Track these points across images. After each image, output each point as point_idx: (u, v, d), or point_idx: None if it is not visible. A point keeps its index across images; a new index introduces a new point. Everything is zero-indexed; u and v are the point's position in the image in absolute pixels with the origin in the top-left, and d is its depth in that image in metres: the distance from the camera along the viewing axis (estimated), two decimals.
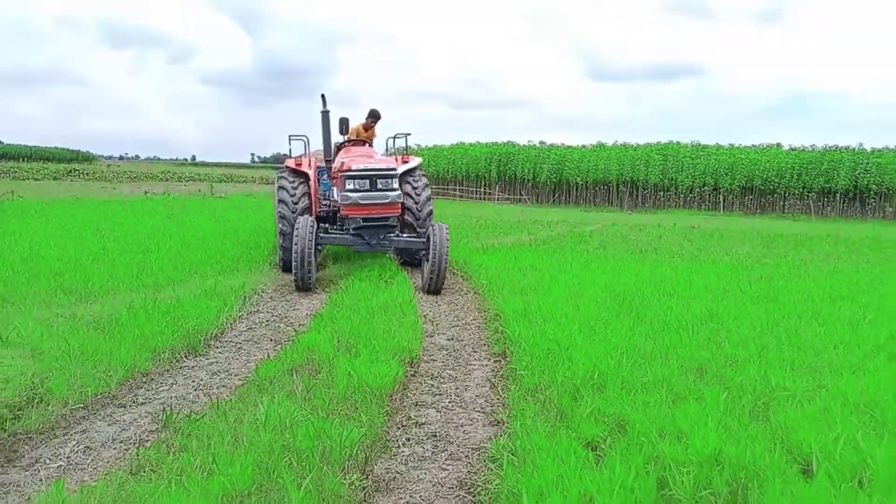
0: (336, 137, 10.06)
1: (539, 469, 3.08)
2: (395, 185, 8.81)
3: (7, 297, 6.59)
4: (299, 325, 6.65)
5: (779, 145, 39.16)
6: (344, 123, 9.78)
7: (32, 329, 5.33)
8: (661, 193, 40.44)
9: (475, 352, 6.04)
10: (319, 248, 8.96)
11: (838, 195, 35.74)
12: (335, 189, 9.36)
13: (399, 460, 3.68)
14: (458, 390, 4.92)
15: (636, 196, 41.32)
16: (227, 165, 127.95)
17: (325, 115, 9.51)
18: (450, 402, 4.67)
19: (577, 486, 2.91)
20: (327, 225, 9.82)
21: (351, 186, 8.48)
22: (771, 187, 37.07)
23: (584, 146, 45.25)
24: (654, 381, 4.46)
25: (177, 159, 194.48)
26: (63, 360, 4.59)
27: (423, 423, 4.22)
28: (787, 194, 36.89)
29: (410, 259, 10.61)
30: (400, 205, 9.04)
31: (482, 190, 46.69)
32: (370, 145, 10.61)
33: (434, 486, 3.40)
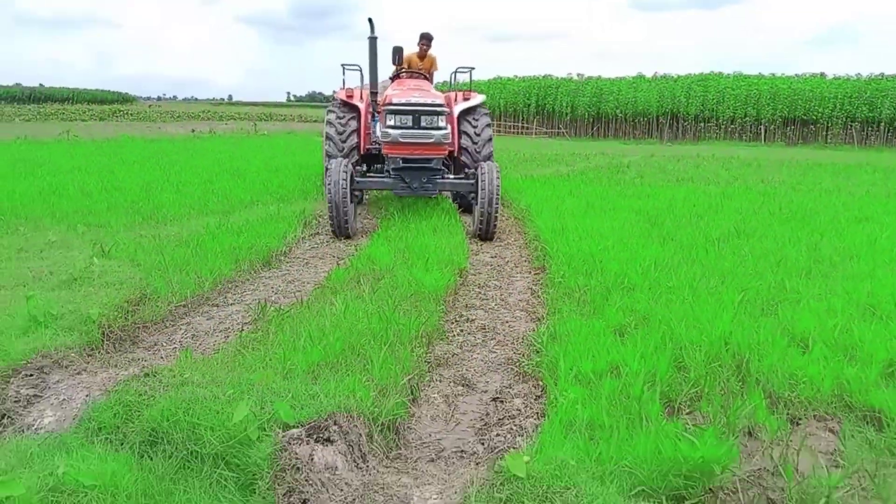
0: (389, 69, 9.49)
1: (574, 344, 3.71)
2: (443, 124, 7.72)
3: (94, 223, 7.36)
4: (356, 246, 7.31)
5: (822, 74, 38.30)
6: (397, 53, 8.88)
7: (127, 245, 6.09)
8: (702, 125, 39.95)
9: (517, 266, 6.65)
10: (357, 192, 8.22)
11: (882, 124, 35.02)
12: (378, 125, 8.35)
13: (455, 345, 4.34)
14: (503, 296, 5.56)
15: (676, 128, 40.90)
16: (265, 104, 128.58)
17: (373, 41, 8.46)
18: (496, 304, 5.31)
19: (605, 356, 3.54)
20: (365, 167, 9.26)
21: (392, 122, 7.57)
22: (814, 117, 36.42)
23: (622, 78, 44.69)
24: (678, 285, 5.02)
25: (213, 99, 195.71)
26: (160, 269, 5.32)
27: (472, 320, 4.87)
28: (829, 124, 36.21)
29: (468, 207, 9.34)
30: (447, 146, 8.02)
31: (520, 124, 46.59)
32: (429, 78, 9.65)
33: (484, 363, 4.06)
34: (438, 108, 7.70)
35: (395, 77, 9.31)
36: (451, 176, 8.63)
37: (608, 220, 7.86)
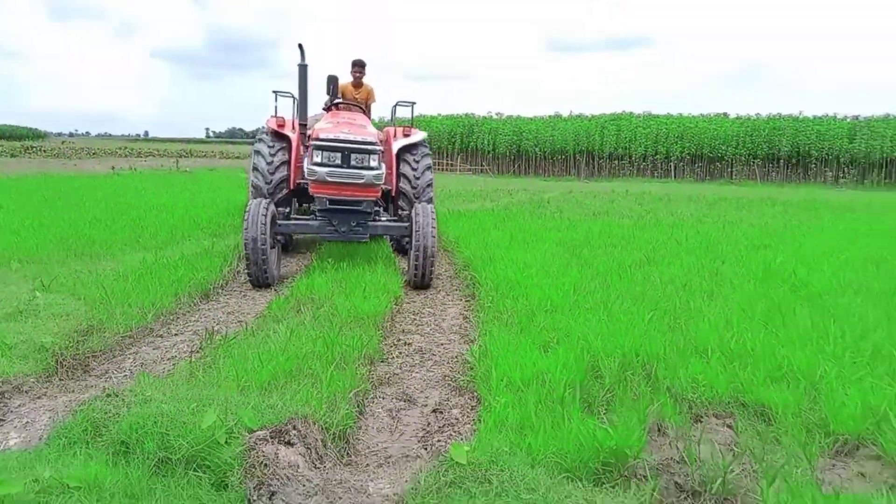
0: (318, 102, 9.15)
1: (504, 358, 4.10)
2: (375, 163, 7.08)
3: (26, 259, 7.34)
4: (292, 278, 7.55)
5: (725, 114, 40.95)
6: (332, 82, 8.12)
7: (66, 279, 6.16)
8: (616, 162, 41.91)
9: (448, 294, 7.05)
10: (280, 237, 7.46)
11: (782, 161, 37.67)
12: (306, 161, 7.40)
13: (395, 366, 4.67)
14: (437, 321, 5.93)
15: (592, 165, 42.72)
16: (183, 140, 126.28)
17: (303, 69, 7.64)
18: (430, 329, 5.67)
19: (531, 368, 3.94)
20: (296, 203, 8.75)
21: (318, 159, 6.96)
22: (719, 154, 38.84)
23: (540, 117, 46.45)
24: (595, 306, 5.51)
25: (129, 135, 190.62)
26: (103, 302, 5.44)
27: (410, 343, 5.22)
28: (734, 161, 38.68)
29: (404, 249, 8.87)
30: (379, 187, 7.34)
31: (445, 161, 47.54)
32: (366, 111, 8.87)
33: (423, 380, 4.41)
34: (370, 147, 7.04)
35: (329, 108, 8.45)
36: (385, 218, 7.95)
37: (531, 251, 8.37)
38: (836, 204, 19.63)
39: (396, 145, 8.80)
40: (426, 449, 3.38)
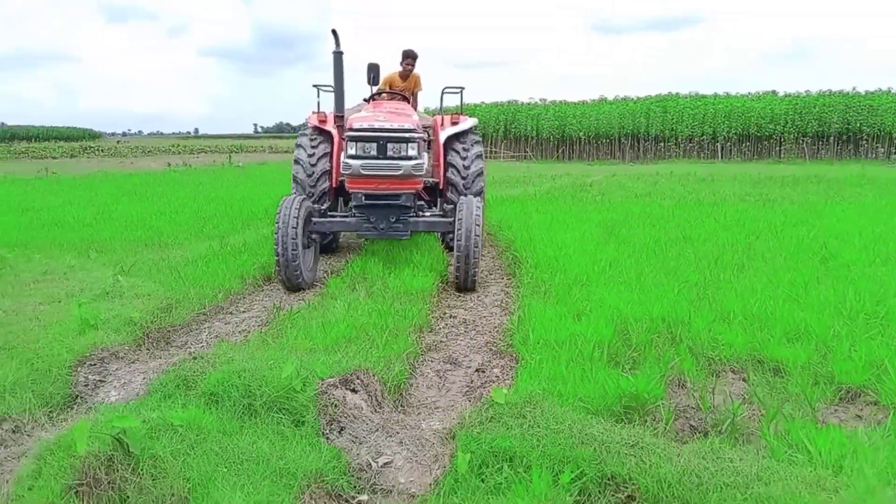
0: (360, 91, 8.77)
1: (540, 324, 4.53)
2: (414, 152, 6.54)
3: (102, 249, 8.04)
4: (346, 260, 8.08)
5: (774, 92, 40.28)
6: (373, 70, 7.68)
7: (143, 266, 6.80)
8: (662, 144, 41.59)
9: (491, 273, 7.48)
10: (314, 235, 6.90)
11: (832, 139, 36.95)
12: (343, 155, 6.90)
13: (441, 335, 5.14)
14: (480, 297, 6.38)
15: (638, 148, 42.48)
16: (231, 137, 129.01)
17: (338, 57, 7.19)
18: (473, 304, 6.12)
19: (565, 331, 4.36)
20: (341, 200, 8.27)
21: (352, 151, 6.51)
22: (767, 133, 38.27)
23: (584, 101, 46.32)
24: (628, 279, 5.88)
25: (179, 133, 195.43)
26: (178, 284, 6.05)
27: (455, 316, 5.69)
28: (782, 140, 38.08)
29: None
30: (419, 179, 6.84)
31: (488, 149, 47.81)
32: (410, 99, 8.46)
33: (467, 346, 4.87)
34: (408, 134, 6.50)
35: (371, 98, 7.98)
36: (429, 213, 7.49)
37: (571, 232, 8.73)
38: (884, 180, 19.35)
39: (444, 134, 8.28)
40: (470, 401, 3.83)
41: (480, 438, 2.80)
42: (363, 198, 6.68)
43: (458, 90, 8.75)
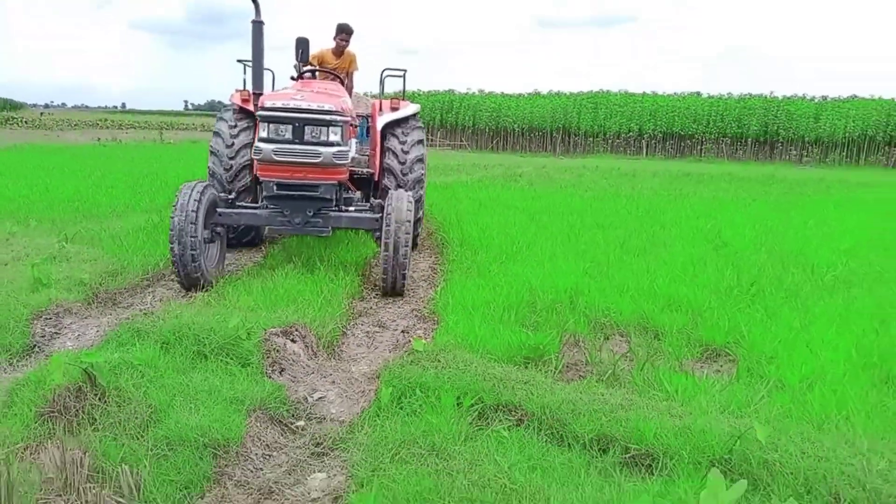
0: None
1: (460, 294, 5.12)
2: (337, 138, 5.67)
3: (42, 218, 8.21)
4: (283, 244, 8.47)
5: (698, 93, 42.26)
6: (301, 46, 6.94)
7: (84, 234, 7.07)
8: (592, 139, 43.05)
9: (421, 253, 8.02)
10: (219, 228, 6.01)
11: (749, 140, 39.11)
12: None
13: (371, 304, 5.66)
14: (411, 272, 6.91)
15: (568, 142, 43.83)
16: (160, 113, 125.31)
17: (257, 27, 6.19)
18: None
19: (481, 298, 4.96)
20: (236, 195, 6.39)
21: (264, 133, 5.66)
22: (689, 132, 40.18)
23: (520, 94, 47.38)
24: (542, 258, 6.53)
25: (106, 107, 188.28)
26: (122, 251, 6.37)
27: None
28: (704, 139, 40.03)
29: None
30: (343, 169, 5.94)
31: (426, 136, 48.37)
32: (344, 80, 7.37)
33: (395, 313, 5.41)
34: (328, 116, 5.59)
35: (298, 77, 7.02)
36: (354, 208, 6.40)
37: (496, 216, 9.36)
38: (791, 180, 20.83)
39: (382, 120, 7.52)
40: (394, 354, 4.38)
41: (401, 376, 3.36)
42: (275, 187, 5.73)
43: (401, 73, 8.13)
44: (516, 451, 2.77)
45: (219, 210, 5.87)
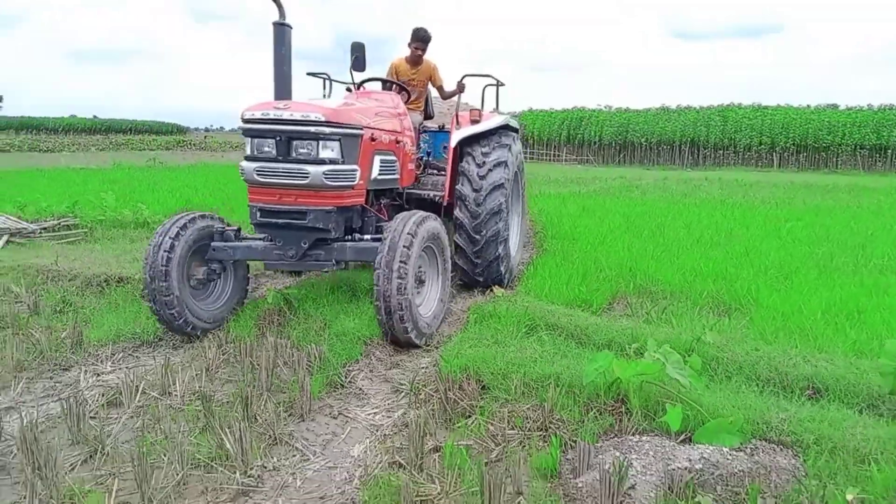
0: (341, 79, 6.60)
1: (543, 267, 6.66)
2: (332, 154, 4.65)
3: None
4: None
5: (835, 105, 41.02)
6: (357, 51, 6.10)
7: None
8: (722, 152, 42.67)
9: (526, 247, 9.57)
10: (214, 265, 5.14)
11: (889, 151, 37.46)
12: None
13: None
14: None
15: (697, 155, 43.65)
16: None
17: (280, 29, 4.85)
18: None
19: (558, 271, 6.46)
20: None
21: (248, 150, 4.77)
22: (824, 144, 39.03)
23: (648, 109, 47.69)
24: (617, 247, 7.91)
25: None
26: None
27: None
28: (839, 151, 38.74)
29: (472, 281, 6.30)
30: (342, 193, 4.81)
31: (552, 152, 49.67)
32: (420, 94, 6.87)
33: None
34: (314, 128, 4.52)
35: (358, 87, 6.47)
36: (369, 237, 5.15)
37: (594, 219, 10.74)
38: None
39: (457, 136, 6.37)
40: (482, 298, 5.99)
41: (482, 309, 5.00)
42: (258, 214, 4.76)
43: (495, 82, 7.04)
44: (550, 345, 4.31)
45: (213, 244, 5.05)
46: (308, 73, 6.71)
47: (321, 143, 4.57)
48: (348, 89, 6.55)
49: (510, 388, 3.66)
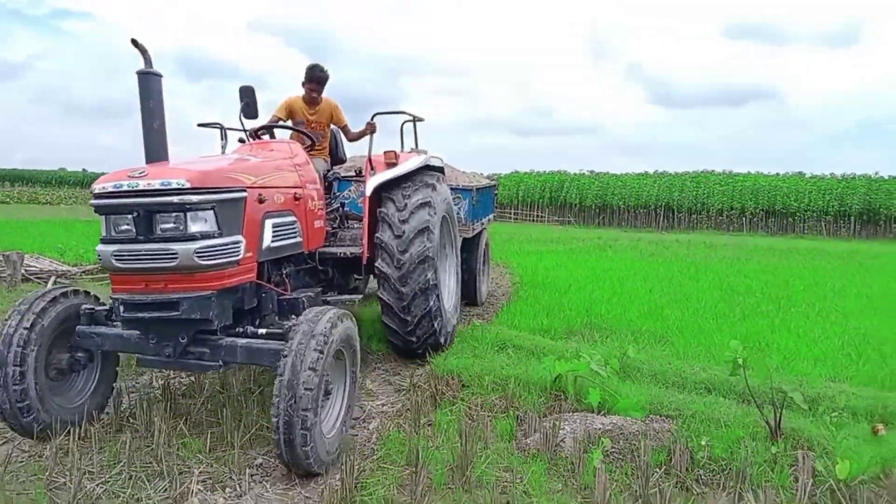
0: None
1: (517, 309, 8.02)
2: (204, 227, 3.73)
3: None
4: None
5: (800, 173, 43.62)
6: (246, 96, 5.31)
7: None
8: (695, 216, 44.74)
9: (504, 294, 10.96)
10: (80, 354, 4.25)
11: (852, 218, 39.67)
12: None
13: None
14: (488, 304, 9.86)
15: (672, 218, 45.68)
16: None
17: (145, 78, 4.08)
18: (481, 309, 9.61)
19: (527, 309, 7.83)
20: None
21: (104, 231, 3.79)
22: (791, 211, 41.27)
23: (627, 174, 50.04)
24: (583, 293, 9.31)
25: None
26: None
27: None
28: (805, 217, 40.93)
29: (404, 351, 5.90)
30: (220, 272, 3.84)
31: (535, 213, 51.57)
32: (323, 140, 6.29)
33: (471, 314, 8.36)
34: (177, 198, 3.61)
35: (254, 135, 5.82)
36: (263, 330, 4.05)
37: (568, 271, 12.18)
38: (865, 254, 22.12)
39: (372, 183, 5.58)
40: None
41: (462, 333, 6.35)
42: (122, 308, 3.78)
43: (411, 118, 6.38)
44: (515, 357, 5.66)
45: (78, 328, 4.20)
46: (199, 125, 5.81)
47: (189, 214, 3.65)
48: (241, 140, 5.87)
49: (484, 385, 5.00)
